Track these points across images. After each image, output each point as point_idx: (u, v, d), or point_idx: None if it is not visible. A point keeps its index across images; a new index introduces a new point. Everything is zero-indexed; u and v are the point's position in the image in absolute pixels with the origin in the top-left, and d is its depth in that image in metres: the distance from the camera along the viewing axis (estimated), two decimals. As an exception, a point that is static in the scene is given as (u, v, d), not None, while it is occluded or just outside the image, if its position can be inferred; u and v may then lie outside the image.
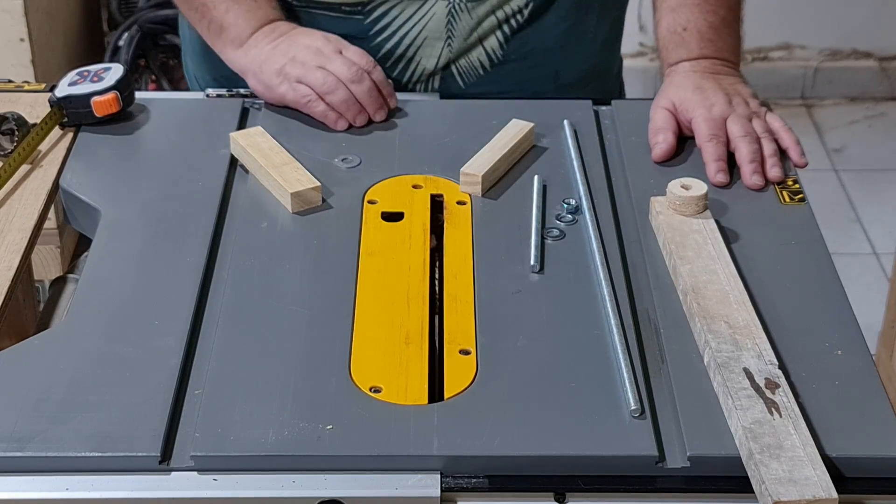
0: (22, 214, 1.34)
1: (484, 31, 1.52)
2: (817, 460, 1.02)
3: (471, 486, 1.04)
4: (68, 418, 1.07)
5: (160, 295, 1.21)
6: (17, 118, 1.43)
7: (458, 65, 1.54)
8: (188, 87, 1.72)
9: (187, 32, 1.66)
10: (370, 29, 1.51)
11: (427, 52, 1.52)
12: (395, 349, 1.15)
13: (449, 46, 1.52)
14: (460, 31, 1.51)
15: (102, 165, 1.41)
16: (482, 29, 1.52)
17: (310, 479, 1.04)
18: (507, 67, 1.55)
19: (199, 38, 1.60)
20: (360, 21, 1.51)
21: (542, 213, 1.33)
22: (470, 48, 1.53)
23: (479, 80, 1.55)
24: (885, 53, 3.64)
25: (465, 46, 1.53)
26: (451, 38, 1.51)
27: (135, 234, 1.29)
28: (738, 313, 1.17)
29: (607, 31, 1.62)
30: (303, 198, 1.32)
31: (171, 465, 1.05)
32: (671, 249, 1.25)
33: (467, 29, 1.51)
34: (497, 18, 1.52)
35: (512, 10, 1.51)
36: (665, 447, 1.06)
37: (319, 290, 1.22)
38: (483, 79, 1.55)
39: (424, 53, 1.53)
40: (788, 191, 1.37)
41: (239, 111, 1.49)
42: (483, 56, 1.53)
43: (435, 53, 1.52)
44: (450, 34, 1.51)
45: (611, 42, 1.64)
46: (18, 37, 2.60)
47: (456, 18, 1.50)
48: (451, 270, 1.25)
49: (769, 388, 1.08)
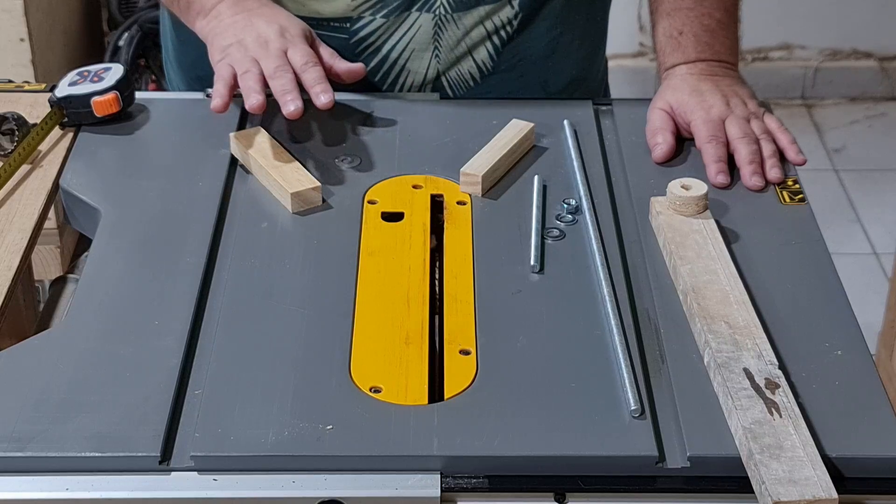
0: (22, 214, 1.34)
1: (473, 43, 1.52)
2: (817, 460, 1.02)
3: (471, 486, 1.04)
4: (68, 418, 1.07)
5: (160, 295, 1.21)
6: (17, 118, 1.43)
7: (448, 76, 1.53)
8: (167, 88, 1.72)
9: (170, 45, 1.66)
10: (357, 43, 1.51)
11: (415, 65, 1.52)
12: (395, 349, 1.15)
13: (437, 58, 1.51)
14: (447, 43, 1.51)
15: (102, 165, 1.41)
16: (470, 40, 1.51)
17: (310, 479, 1.04)
18: (497, 78, 1.54)
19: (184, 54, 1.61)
20: (345, 36, 1.50)
21: (542, 213, 1.33)
22: (459, 59, 1.52)
23: (468, 91, 1.55)
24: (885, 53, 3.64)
25: (454, 58, 1.52)
26: (439, 50, 1.51)
27: (135, 234, 1.29)
28: (738, 313, 1.17)
29: (592, 37, 1.62)
30: (303, 198, 1.32)
31: (171, 465, 1.05)
32: (671, 249, 1.25)
33: (454, 40, 1.51)
34: (486, 29, 1.51)
35: (501, 21, 1.51)
36: (665, 447, 1.06)
37: (319, 290, 1.22)
38: (472, 90, 1.55)
39: (412, 66, 1.52)
40: (788, 191, 1.37)
41: (239, 111, 1.49)
42: (473, 68, 1.53)
43: (423, 66, 1.52)
44: (437, 45, 1.50)
45: (595, 47, 1.64)
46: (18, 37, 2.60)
47: (442, 30, 1.50)
48: (451, 270, 1.25)
49: (769, 388, 1.08)
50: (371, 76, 1.50)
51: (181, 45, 1.62)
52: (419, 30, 1.50)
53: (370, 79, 1.50)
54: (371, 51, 1.51)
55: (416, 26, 1.50)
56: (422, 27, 1.50)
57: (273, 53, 1.41)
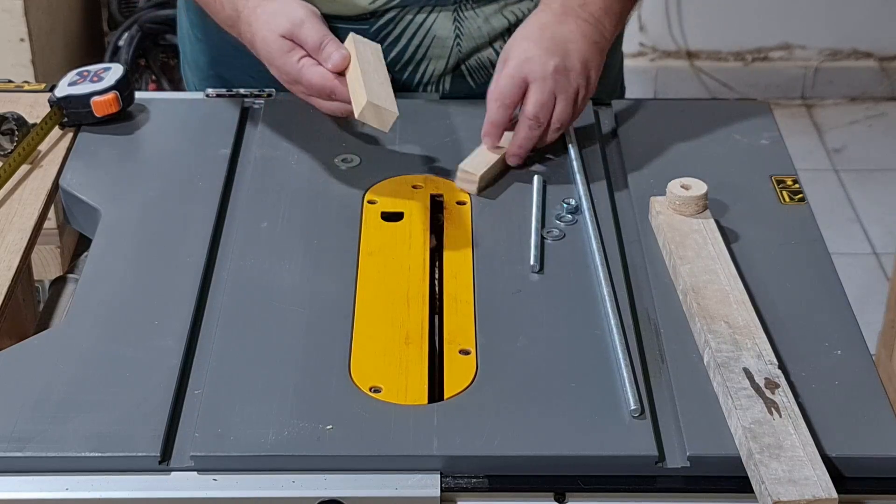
0: (22, 214, 1.34)
1: (494, 31, 1.51)
2: (817, 460, 1.02)
3: (471, 486, 1.04)
4: (68, 418, 1.07)
5: (160, 295, 1.21)
6: (17, 118, 1.43)
7: (468, 65, 1.53)
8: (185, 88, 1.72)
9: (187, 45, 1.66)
10: (377, 34, 1.50)
11: (436, 53, 1.52)
12: (394, 349, 1.15)
13: (458, 46, 1.51)
14: (468, 33, 1.51)
15: (102, 165, 1.41)
16: (491, 28, 1.51)
17: (310, 479, 1.04)
18: None
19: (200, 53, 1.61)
20: (366, 27, 1.50)
21: (542, 213, 1.33)
22: (479, 49, 1.52)
23: (488, 78, 1.54)
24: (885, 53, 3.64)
25: (474, 47, 1.52)
26: (460, 38, 1.51)
27: (135, 234, 1.29)
28: (738, 313, 1.17)
29: None
30: (377, 114, 1.29)
31: (170, 465, 1.05)
32: (671, 249, 1.25)
33: (475, 27, 1.51)
34: (507, 19, 1.51)
35: (522, 11, 1.50)
36: (665, 447, 1.06)
37: (319, 290, 1.22)
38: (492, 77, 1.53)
39: (434, 54, 1.52)
40: (788, 191, 1.37)
41: (239, 111, 1.49)
42: (493, 56, 1.52)
43: (444, 54, 1.52)
44: (458, 35, 1.50)
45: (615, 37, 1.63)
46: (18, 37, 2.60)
47: (463, 20, 1.50)
48: (451, 270, 1.25)
49: (769, 388, 1.08)
50: (392, 66, 1.49)
51: (198, 43, 1.62)
52: (440, 22, 1.49)
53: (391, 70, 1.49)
54: (391, 41, 1.51)
55: (438, 18, 1.49)
56: (443, 19, 1.49)
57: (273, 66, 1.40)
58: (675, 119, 1.51)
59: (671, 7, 3.57)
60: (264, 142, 1.43)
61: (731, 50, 3.60)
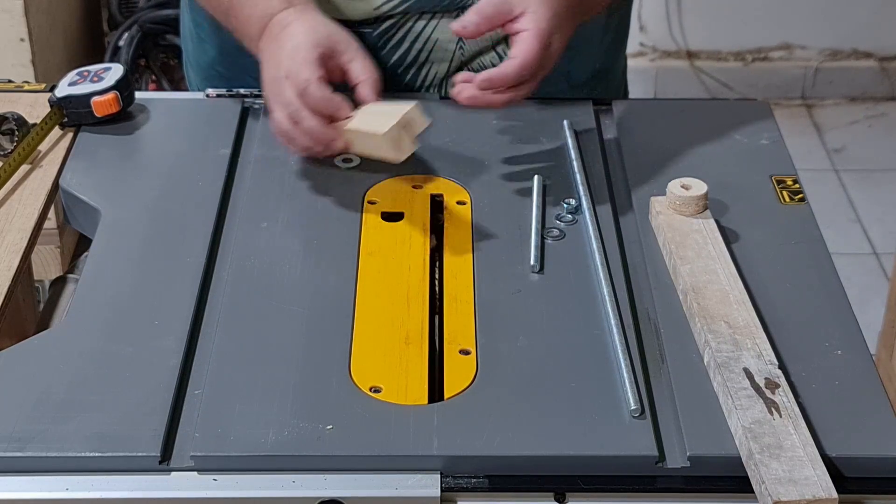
0: (22, 214, 1.34)
1: (496, 35, 1.51)
2: (817, 460, 1.02)
3: (471, 486, 1.04)
4: (68, 418, 1.07)
5: (160, 295, 1.21)
6: (17, 118, 1.43)
7: (471, 68, 1.52)
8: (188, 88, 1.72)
9: (190, 45, 1.66)
10: (380, 39, 1.50)
11: (439, 57, 1.52)
12: (395, 349, 1.15)
13: (461, 50, 1.51)
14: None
15: (102, 165, 1.41)
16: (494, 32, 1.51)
17: (310, 479, 1.04)
18: None
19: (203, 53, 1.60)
20: (369, 32, 1.50)
21: (542, 213, 1.33)
22: (483, 52, 1.52)
23: None
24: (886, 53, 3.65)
25: (477, 50, 1.52)
26: (463, 42, 1.50)
27: (135, 234, 1.29)
28: (738, 313, 1.17)
29: (615, 29, 1.62)
30: (405, 127, 1.26)
31: (171, 465, 1.05)
32: (671, 249, 1.25)
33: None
34: None
35: None
36: (665, 447, 1.06)
37: (319, 290, 1.22)
38: None
39: (436, 58, 1.52)
40: (788, 191, 1.37)
41: (239, 111, 1.49)
42: (496, 59, 1.52)
43: (447, 58, 1.52)
44: (461, 38, 1.50)
45: (619, 41, 1.63)
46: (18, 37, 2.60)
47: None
48: (451, 270, 1.25)
49: (769, 387, 1.08)
50: (394, 70, 1.49)
51: (200, 42, 1.62)
52: (443, 27, 1.49)
53: (393, 73, 1.49)
54: (393, 44, 1.51)
55: (440, 24, 1.49)
56: (445, 24, 1.49)
57: (277, 94, 1.36)
58: (675, 119, 1.51)
59: (671, 7, 3.57)
60: (264, 142, 1.43)
61: (731, 50, 3.60)
